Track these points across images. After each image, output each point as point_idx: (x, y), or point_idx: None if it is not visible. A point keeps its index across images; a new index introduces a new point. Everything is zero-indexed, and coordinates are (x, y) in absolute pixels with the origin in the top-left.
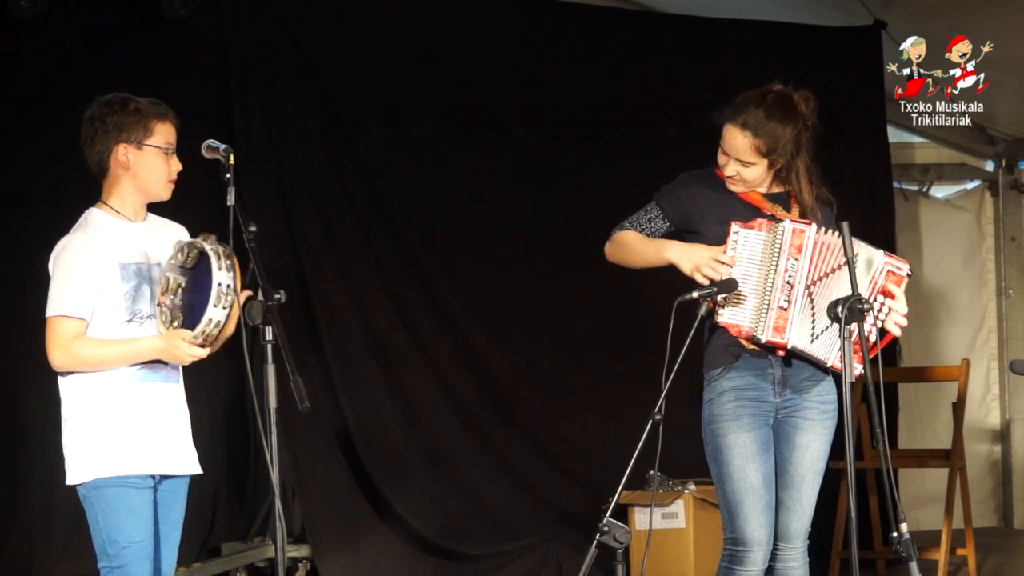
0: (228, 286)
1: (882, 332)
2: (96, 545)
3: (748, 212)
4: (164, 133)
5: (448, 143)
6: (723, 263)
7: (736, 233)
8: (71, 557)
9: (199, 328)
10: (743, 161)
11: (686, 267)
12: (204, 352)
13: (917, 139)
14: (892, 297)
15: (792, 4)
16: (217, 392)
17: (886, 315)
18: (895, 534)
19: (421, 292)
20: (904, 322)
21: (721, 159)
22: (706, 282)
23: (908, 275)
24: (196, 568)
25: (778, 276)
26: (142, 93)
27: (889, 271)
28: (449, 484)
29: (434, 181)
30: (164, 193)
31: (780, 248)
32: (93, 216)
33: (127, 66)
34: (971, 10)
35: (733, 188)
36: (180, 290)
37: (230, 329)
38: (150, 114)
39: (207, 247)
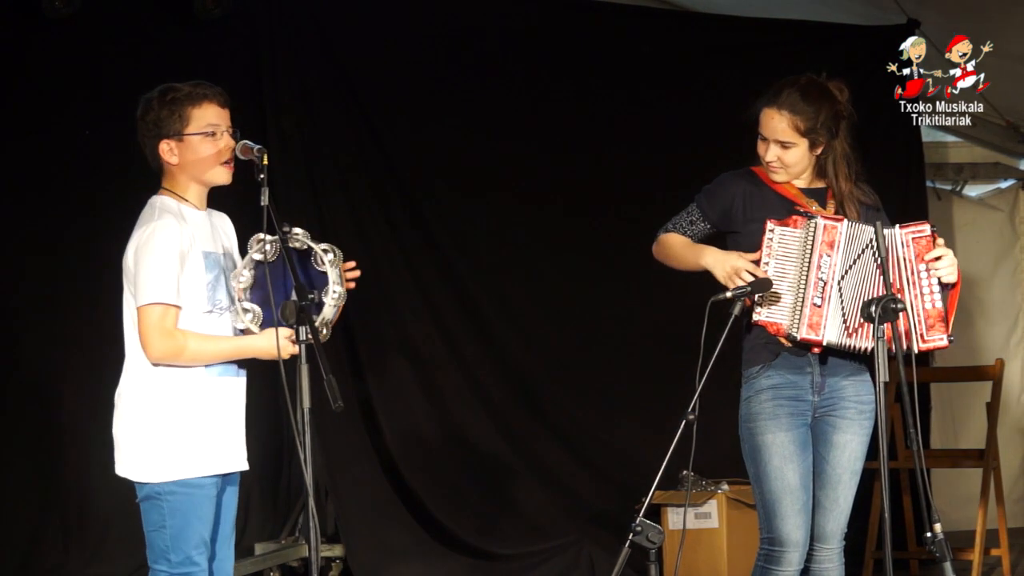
0: (339, 285)
1: (944, 290)
2: (154, 546)
3: (784, 208)
4: (203, 116)
5: (479, 142)
6: (755, 273)
7: (771, 231)
8: (103, 559)
9: (317, 323)
10: (783, 143)
11: (720, 274)
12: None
13: (951, 138)
14: (936, 260)
15: (826, 2)
16: (250, 391)
17: (939, 277)
18: (929, 534)
19: (453, 292)
20: (954, 272)
21: (761, 148)
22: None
23: (934, 230)
24: None
25: (811, 273)
26: None
27: (913, 239)
28: (482, 484)
29: (466, 181)
30: (220, 177)
31: (813, 244)
32: (165, 203)
33: (160, 66)
34: (1005, 7)
35: (775, 177)
36: (250, 286)
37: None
38: (184, 102)
39: (311, 245)
